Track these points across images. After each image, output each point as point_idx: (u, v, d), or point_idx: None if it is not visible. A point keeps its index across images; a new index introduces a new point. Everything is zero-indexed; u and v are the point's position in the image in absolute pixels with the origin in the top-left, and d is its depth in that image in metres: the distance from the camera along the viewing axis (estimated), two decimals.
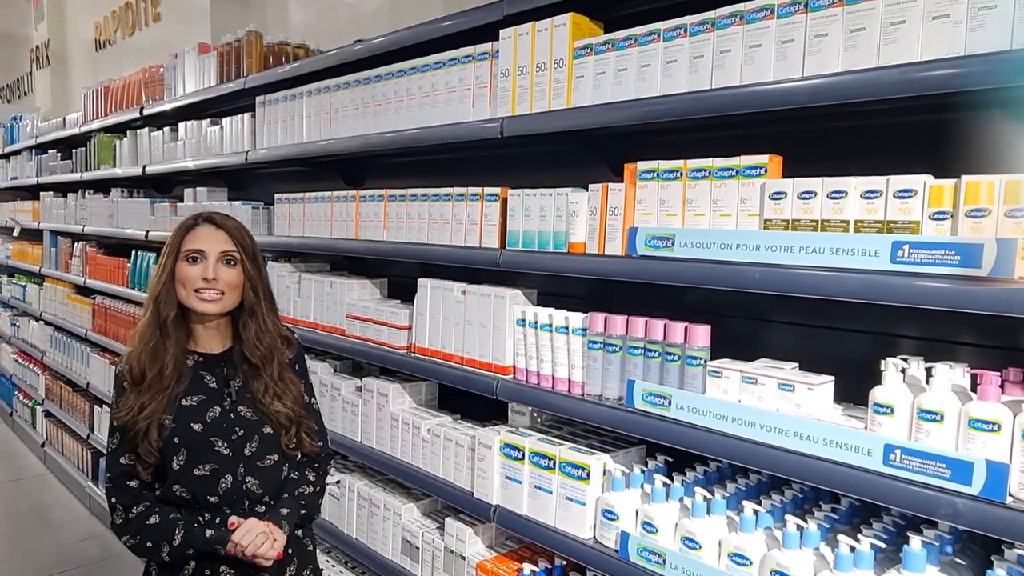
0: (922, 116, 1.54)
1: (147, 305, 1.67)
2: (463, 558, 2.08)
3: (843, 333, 1.67)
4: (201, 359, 1.70)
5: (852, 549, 1.33)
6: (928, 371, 1.33)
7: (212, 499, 1.62)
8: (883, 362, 1.36)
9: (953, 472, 1.19)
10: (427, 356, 2.25)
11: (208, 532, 1.58)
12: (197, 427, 1.62)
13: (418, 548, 2.26)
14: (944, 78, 1.20)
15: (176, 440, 1.60)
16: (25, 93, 8.77)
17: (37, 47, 8.11)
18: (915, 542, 1.28)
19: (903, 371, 1.36)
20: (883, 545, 1.40)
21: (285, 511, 1.66)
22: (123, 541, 1.63)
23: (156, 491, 1.64)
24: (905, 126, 1.58)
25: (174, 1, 5.40)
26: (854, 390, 1.51)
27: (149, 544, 1.60)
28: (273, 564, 1.62)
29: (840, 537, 1.36)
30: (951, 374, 1.29)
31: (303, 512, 1.71)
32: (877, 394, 1.34)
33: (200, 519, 1.62)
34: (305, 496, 1.73)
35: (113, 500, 1.63)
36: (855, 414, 1.46)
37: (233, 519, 1.60)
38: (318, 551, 1.96)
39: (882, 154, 1.63)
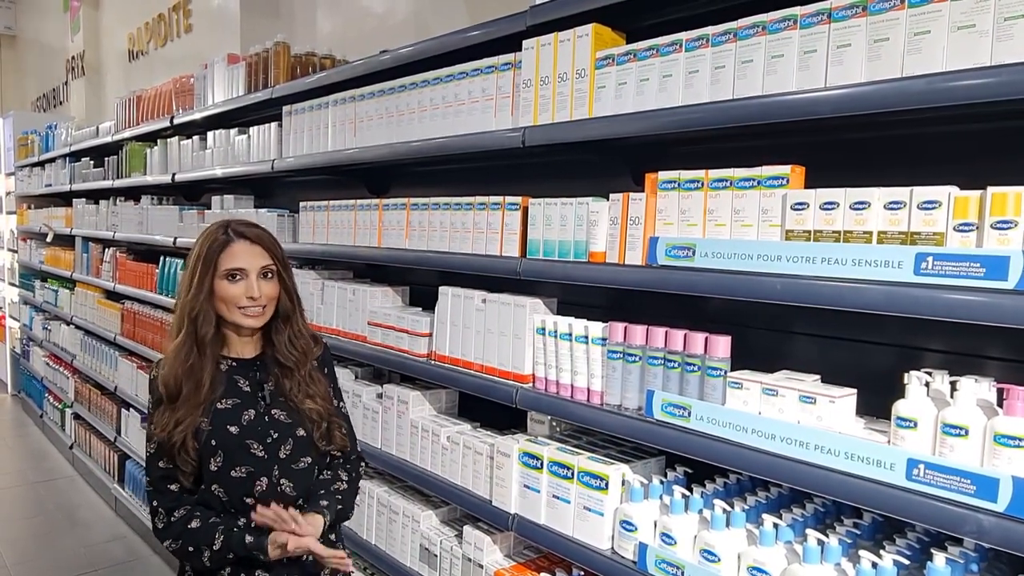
0: (947, 127, 1.52)
1: (180, 322, 1.67)
2: (481, 566, 2.08)
3: (865, 345, 1.65)
4: (234, 363, 1.73)
5: (874, 565, 1.31)
6: (953, 385, 1.31)
7: (248, 500, 1.64)
8: (906, 375, 1.34)
9: (978, 488, 1.17)
10: (447, 364, 2.26)
11: (248, 538, 1.59)
12: (233, 429, 1.65)
13: (436, 555, 2.26)
14: (971, 88, 1.18)
15: (213, 442, 1.63)
16: (61, 102, 8.99)
17: (73, 57, 8.31)
18: (939, 559, 1.26)
19: (927, 385, 1.34)
20: (906, 562, 1.38)
21: (324, 502, 1.68)
22: (166, 546, 1.65)
23: (194, 495, 1.67)
24: (930, 136, 1.56)
25: (205, 13, 5.52)
26: (877, 403, 1.49)
27: (191, 548, 1.62)
28: (310, 567, 1.66)
29: (862, 553, 1.34)
30: (976, 388, 1.27)
31: (339, 507, 1.72)
32: (900, 408, 1.32)
33: (239, 525, 1.63)
34: (340, 492, 1.74)
35: (155, 504, 1.66)
36: (878, 428, 1.44)
37: (257, 509, 1.58)
38: None
39: (907, 165, 1.61)
